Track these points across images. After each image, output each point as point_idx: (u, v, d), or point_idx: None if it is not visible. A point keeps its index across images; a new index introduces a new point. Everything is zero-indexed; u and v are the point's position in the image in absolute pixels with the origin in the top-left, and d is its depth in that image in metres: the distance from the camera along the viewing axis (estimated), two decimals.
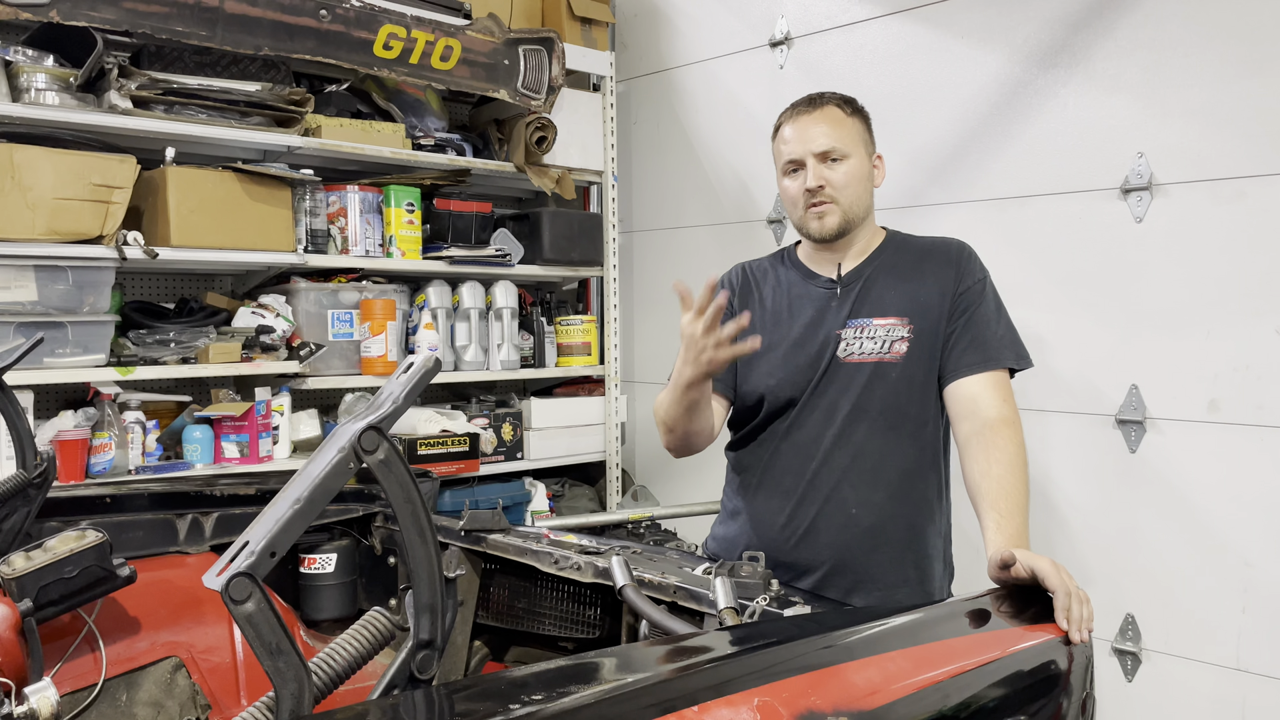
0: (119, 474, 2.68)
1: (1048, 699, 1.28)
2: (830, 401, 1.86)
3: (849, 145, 1.85)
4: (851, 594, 1.83)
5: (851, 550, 1.83)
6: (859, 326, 1.86)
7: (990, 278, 1.89)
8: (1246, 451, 2.36)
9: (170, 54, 2.81)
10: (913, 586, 1.86)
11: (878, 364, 1.83)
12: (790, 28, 3.32)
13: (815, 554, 1.85)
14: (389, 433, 0.91)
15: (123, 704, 1.68)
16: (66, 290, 2.58)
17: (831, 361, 1.86)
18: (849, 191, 1.85)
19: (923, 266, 1.88)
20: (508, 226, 3.61)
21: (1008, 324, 1.86)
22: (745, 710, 0.93)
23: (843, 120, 1.87)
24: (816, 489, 1.86)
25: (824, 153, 1.84)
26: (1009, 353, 1.82)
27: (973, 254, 1.91)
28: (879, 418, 1.83)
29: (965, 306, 1.83)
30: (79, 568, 1.52)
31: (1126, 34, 2.53)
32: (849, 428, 1.84)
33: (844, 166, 1.84)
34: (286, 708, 0.83)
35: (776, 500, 1.90)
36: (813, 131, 1.85)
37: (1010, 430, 1.72)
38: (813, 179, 1.84)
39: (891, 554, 1.84)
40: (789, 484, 1.88)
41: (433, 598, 0.94)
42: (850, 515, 1.83)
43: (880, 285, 1.88)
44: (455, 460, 3.27)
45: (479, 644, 1.93)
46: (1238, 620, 2.39)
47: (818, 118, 1.86)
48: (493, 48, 3.30)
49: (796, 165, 1.87)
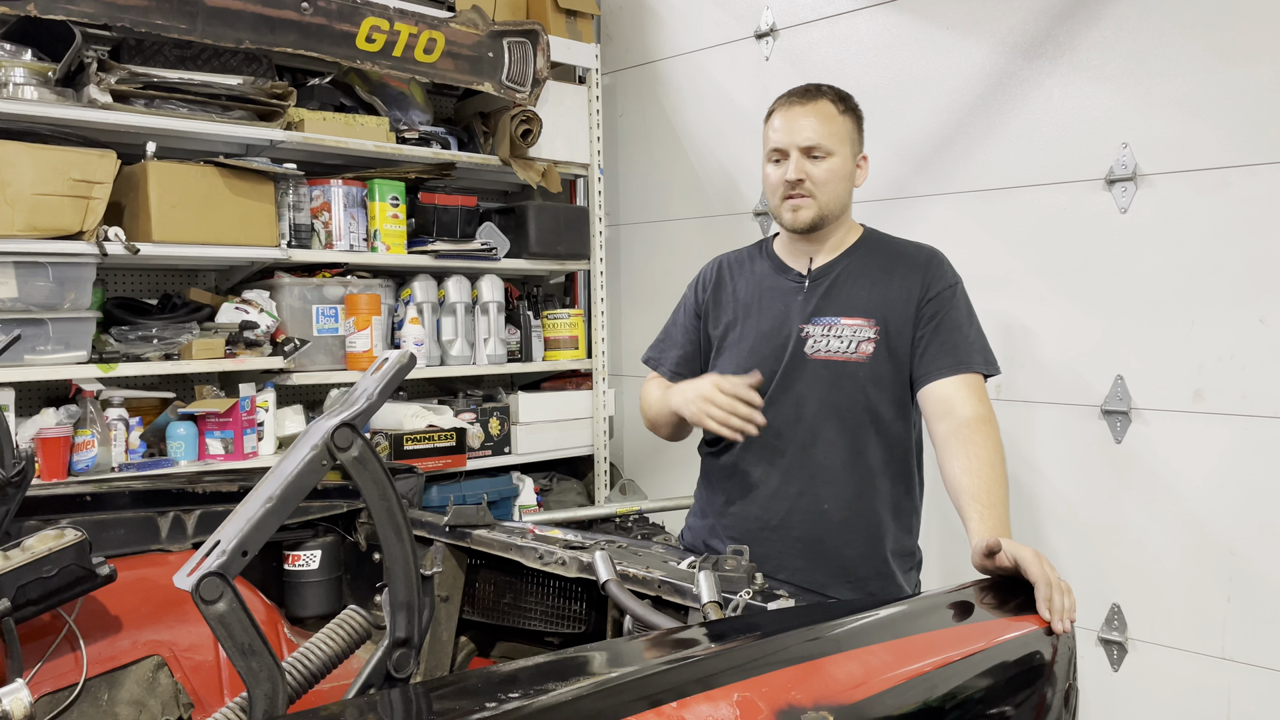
0: (102, 471, 2.66)
1: (1030, 691, 1.28)
2: (797, 397, 1.88)
3: (835, 143, 1.86)
4: (825, 586, 1.85)
5: (823, 544, 1.86)
6: (827, 325, 1.89)
7: (962, 285, 1.90)
8: (1231, 441, 2.37)
9: (150, 48, 2.78)
10: (885, 579, 1.88)
11: (844, 363, 1.86)
12: (776, 19, 3.31)
13: (787, 547, 1.87)
14: (364, 429, 0.90)
15: (104, 703, 1.66)
16: (47, 287, 2.55)
17: (797, 356, 1.88)
18: (828, 189, 1.86)
19: (893, 270, 1.90)
20: (493, 220, 3.59)
21: (978, 331, 1.88)
22: (725, 706, 0.93)
23: (833, 116, 1.88)
24: (789, 484, 1.88)
25: (809, 147, 1.85)
26: (979, 358, 1.84)
27: (944, 261, 1.92)
28: (847, 415, 1.85)
29: (935, 312, 1.84)
30: (58, 567, 1.51)
31: (1111, 24, 2.53)
32: (818, 425, 1.86)
33: (826, 164, 1.86)
34: (260, 708, 0.82)
35: (749, 495, 1.92)
36: (801, 124, 1.86)
37: (987, 428, 1.74)
38: (794, 171, 1.85)
39: (862, 549, 1.87)
40: (759, 478, 1.91)
41: (409, 595, 0.93)
42: (822, 511, 1.86)
43: (849, 285, 1.90)
44: (442, 455, 3.26)
45: (465, 640, 1.93)
46: (1223, 609, 2.40)
47: (809, 110, 1.87)
48: (476, 40, 3.28)
49: (781, 154, 1.89)
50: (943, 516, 2.59)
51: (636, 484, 3.94)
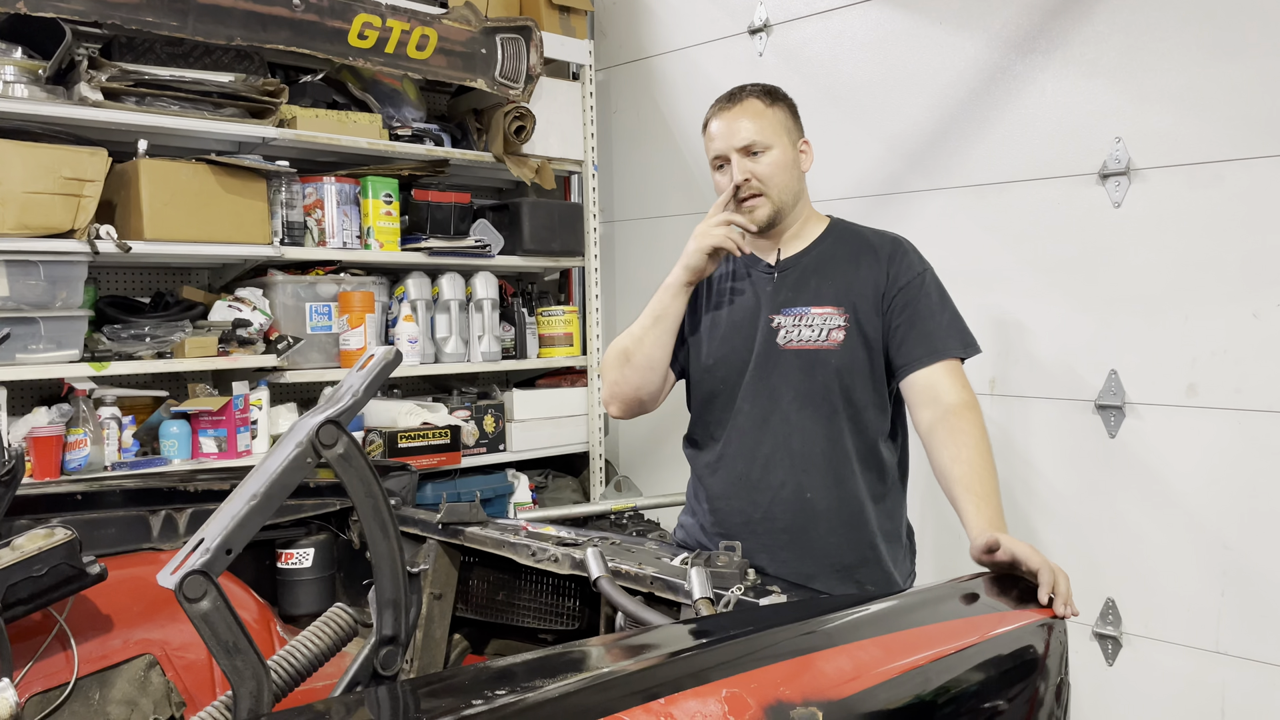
0: (94, 470, 2.65)
1: (1022, 685, 1.28)
2: (772, 388, 1.90)
3: (770, 136, 1.89)
4: (812, 578, 1.87)
5: (808, 534, 1.88)
6: (797, 315, 1.91)
7: (931, 271, 1.92)
8: (1224, 435, 2.37)
9: (141, 45, 2.77)
10: (872, 566, 1.90)
11: (817, 351, 1.88)
12: (769, 15, 3.30)
13: (773, 539, 1.88)
14: (351, 425, 0.90)
15: (95, 703, 1.66)
16: (38, 285, 2.54)
17: (770, 347, 1.90)
18: (776, 181, 1.89)
19: (859, 258, 1.92)
20: (487, 217, 3.58)
21: (953, 313, 1.89)
22: (713, 702, 0.92)
23: (763, 112, 1.91)
24: (771, 475, 1.90)
25: (746, 146, 1.89)
26: (955, 342, 1.85)
27: (909, 249, 1.94)
28: (822, 403, 1.88)
29: (906, 301, 1.86)
30: (48, 566, 1.51)
31: (1104, 18, 2.52)
32: (795, 414, 1.88)
33: (767, 158, 1.89)
34: (245, 706, 0.81)
35: (732, 487, 1.94)
36: (734, 126, 1.90)
37: (972, 414, 1.76)
38: (738, 173, 1.89)
39: (848, 535, 1.89)
40: (742, 470, 1.93)
41: (395, 593, 0.92)
42: (805, 500, 1.87)
43: (818, 274, 1.93)
44: (437, 453, 3.25)
45: (459, 637, 1.92)
46: (1217, 603, 2.40)
47: (738, 113, 1.91)
48: (469, 36, 3.28)
49: (723, 161, 1.92)
50: (935, 507, 2.60)
51: (632, 481, 3.94)
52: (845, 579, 1.88)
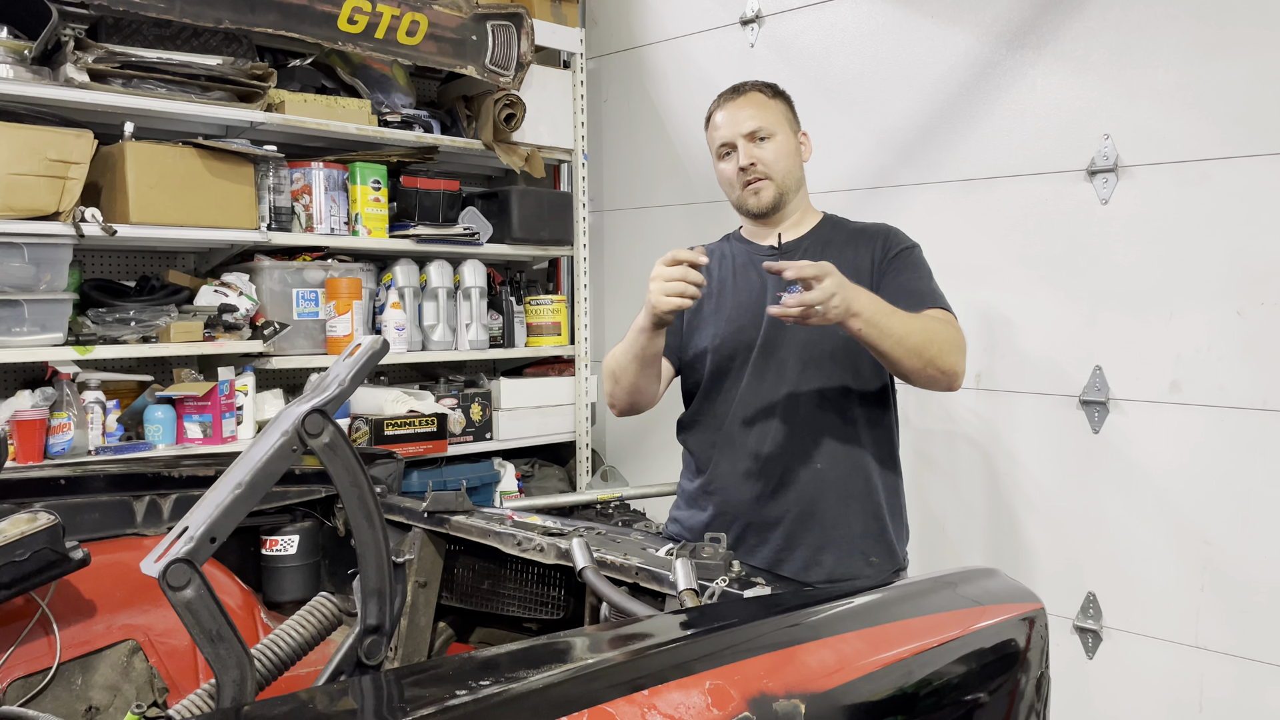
0: (79, 454, 2.64)
1: (1003, 678, 1.28)
2: (780, 362, 1.97)
3: (774, 125, 2.01)
4: (822, 549, 1.93)
5: (818, 503, 1.94)
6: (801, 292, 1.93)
7: (920, 249, 2.02)
8: (1207, 432, 2.39)
9: (128, 26, 2.74)
10: (874, 538, 1.97)
11: None
12: (761, 6, 3.29)
13: (784, 509, 1.94)
14: (337, 414, 0.90)
15: (78, 688, 1.65)
16: (22, 268, 2.52)
17: (775, 323, 1.94)
18: (779, 166, 2.01)
19: (856, 242, 2.03)
20: (476, 205, 3.57)
21: (937, 286, 1.98)
22: (696, 693, 0.93)
23: (766, 103, 2.03)
24: (781, 447, 1.95)
25: (752, 133, 2.00)
26: (943, 301, 1.94)
27: (900, 231, 2.06)
28: (834, 372, 1.95)
29: (897, 268, 1.97)
30: (30, 551, 1.49)
31: (1094, 14, 2.53)
32: (805, 383, 1.95)
33: (771, 144, 2.00)
34: (228, 695, 0.81)
35: (742, 460, 1.99)
36: (739, 115, 2.02)
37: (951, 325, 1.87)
38: (744, 157, 1.99)
39: (857, 506, 1.96)
40: (753, 443, 1.98)
41: (380, 582, 0.92)
42: (816, 470, 1.94)
43: (818, 255, 1.97)
44: (423, 441, 3.25)
45: (443, 625, 1.92)
46: (1196, 598, 2.42)
47: (742, 103, 2.03)
48: (460, 23, 3.26)
49: (729, 148, 2.03)
50: (918, 498, 2.61)
51: (618, 471, 3.94)
52: (853, 551, 1.94)
